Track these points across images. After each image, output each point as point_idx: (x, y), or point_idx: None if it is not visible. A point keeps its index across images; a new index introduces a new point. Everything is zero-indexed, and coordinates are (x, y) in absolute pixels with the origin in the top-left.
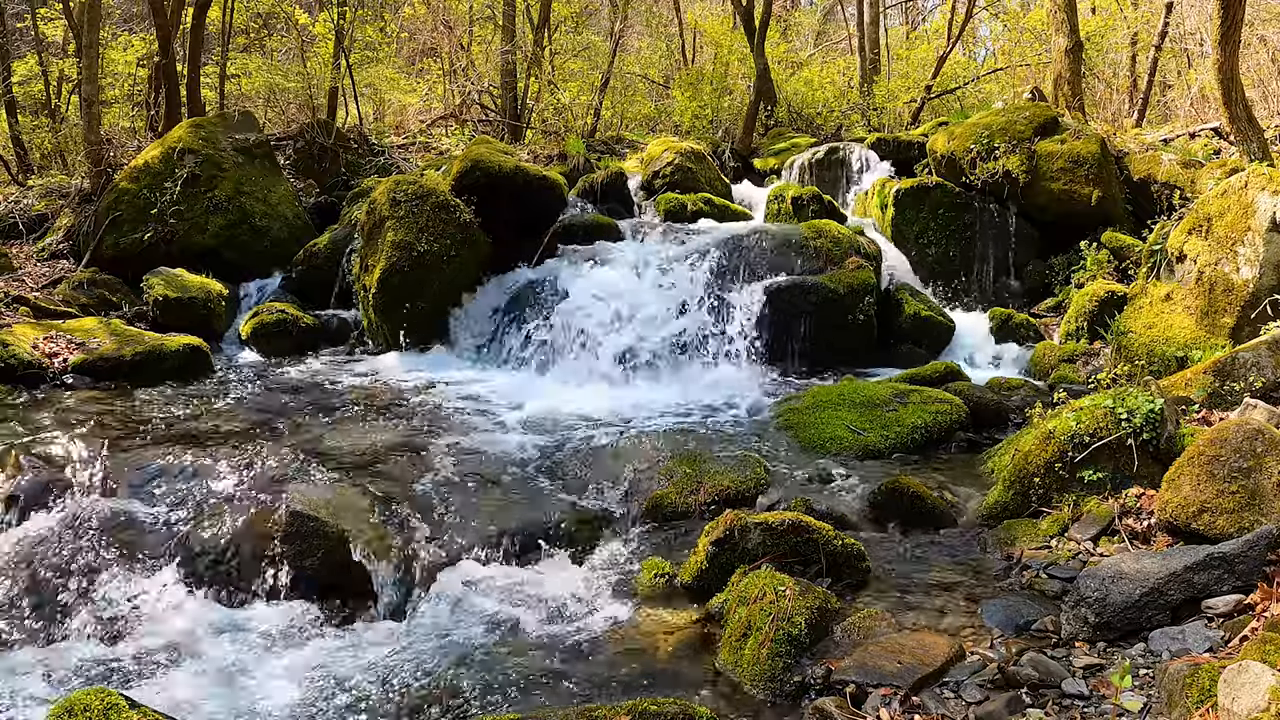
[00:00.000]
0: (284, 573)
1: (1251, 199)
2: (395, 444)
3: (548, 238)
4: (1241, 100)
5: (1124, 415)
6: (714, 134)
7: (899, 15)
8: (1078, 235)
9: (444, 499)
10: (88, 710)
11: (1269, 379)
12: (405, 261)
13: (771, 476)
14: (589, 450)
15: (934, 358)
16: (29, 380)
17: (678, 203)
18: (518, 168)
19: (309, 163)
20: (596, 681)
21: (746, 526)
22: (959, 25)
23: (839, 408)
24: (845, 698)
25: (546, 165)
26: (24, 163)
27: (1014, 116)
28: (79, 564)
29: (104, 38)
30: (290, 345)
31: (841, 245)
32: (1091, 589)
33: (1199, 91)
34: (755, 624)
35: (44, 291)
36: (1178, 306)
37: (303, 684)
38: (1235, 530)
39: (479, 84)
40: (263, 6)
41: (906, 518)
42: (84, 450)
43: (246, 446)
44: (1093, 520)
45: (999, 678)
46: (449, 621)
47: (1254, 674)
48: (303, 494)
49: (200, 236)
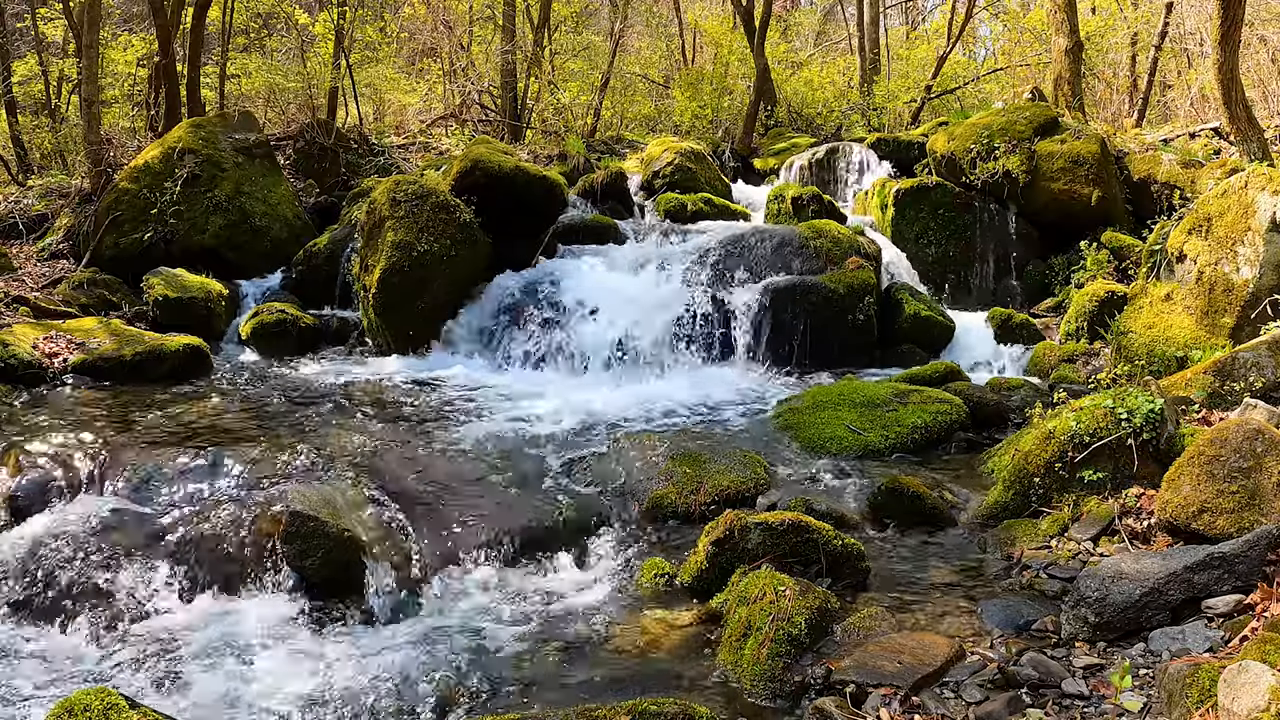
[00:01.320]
0: (284, 573)
1: (1251, 199)
2: (395, 444)
3: (548, 238)
4: (1241, 100)
5: (1124, 415)
6: (714, 134)
7: (899, 15)
8: (1078, 235)
9: (444, 499)
10: (88, 710)
11: (1269, 379)
12: (405, 261)
13: (771, 476)
14: (589, 450)
15: (934, 358)
16: (29, 380)
17: (678, 203)
18: (518, 168)
19: (309, 163)
20: (596, 681)
21: (746, 526)
22: (959, 25)
23: (839, 408)
24: (845, 698)
25: (546, 165)
26: (24, 163)
27: (1014, 116)
28: (79, 564)
29: (104, 38)
30: (290, 345)
31: (841, 245)
32: (1091, 589)
33: (1199, 91)
34: (755, 624)
35: (44, 291)
36: (1178, 306)
37: (302, 684)
38: (1235, 530)
39: (479, 84)
40: (263, 6)
41: (906, 518)
42: (84, 450)
43: (246, 446)
44: (1093, 520)
45: (999, 678)
46: (449, 621)
47: (1254, 674)
48: (303, 494)
49: (200, 236)
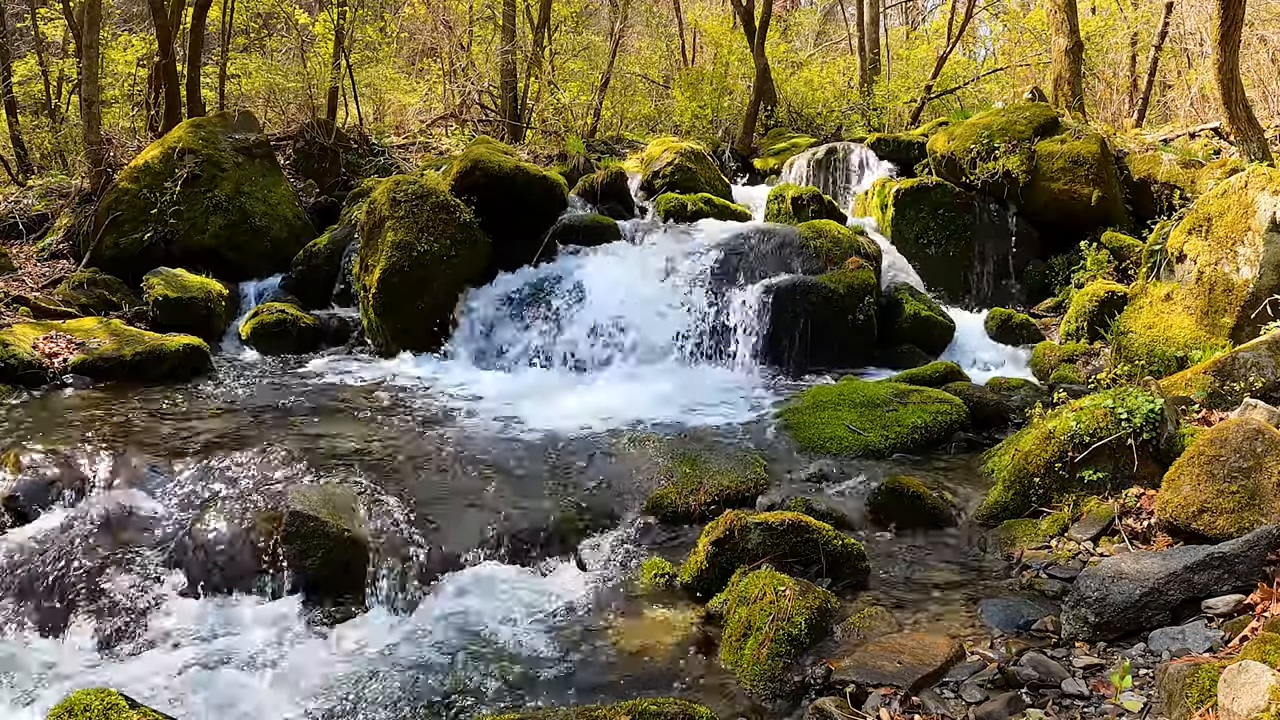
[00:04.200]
0: (284, 572)
1: (1251, 199)
2: (395, 443)
3: (548, 238)
4: (1241, 100)
5: (1124, 415)
6: (714, 134)
7: (899, 15)
8: (1078, 235)
9: (444, 499)
10: (88, 710)
11: (1269, 379)
12: (405, 261)
13: (771, 476)
14: (589, 450)
15: (934, 358)
16: (29, 380)
17: (678, 203)
18: (518, 168)
19: (309, 163)
20: (596, 681)
21: (746, 526)
22: (959, 25)
23: (839, 408)
24: (845, 698)
25: (546, 165)
26: (24, 163)
27: (1014, 116)
28: (79, 564)
29: (104, 38)
30: (290, 345)
31: (841, 245)
32: (1091, 589)
33: (1199, 91)
34: (755, 624)
35: (44, 291)
36: (1178, 306)
37: (302, 684)
38: (1235, 530)
39: (479, 84)
40: (263, 6)
41: (906, 518)
42: (84, 450)
43: (246, 446)
44: (1093, 520)
45: (999, 678)
46: (448, 621)
47: (1254, 674)
48: (303, 494)
49: (200, 236)
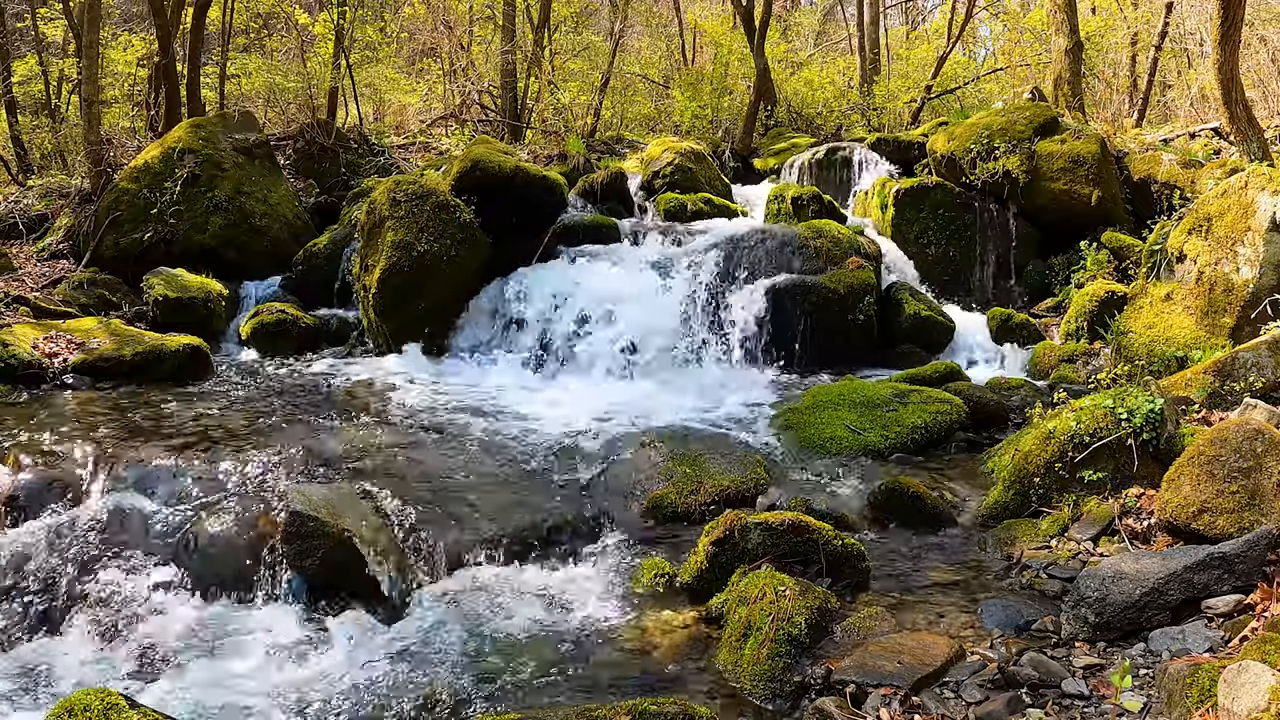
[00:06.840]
0: (284, 573)
1: (1251, 199)
2: (395, 444)
3: (548, 238)
4: (1241, 100)
5: (1124, 415)
6: (714, 134)
7: (899, 15)
8: (1078, 235)
9: (443, 499)
10: (88, 710)
11: (1269, 379)
12: (405, 261)
13: (771, 476)
14: (588, 450)
15: (934, 358)
16: (29, 380)
17: (678, 203)
18: (518, 168)
19: (309, 163)
20: (596, 681)
21: (746, 526)
22: (959, 25)
23: (839, 408)
24: (845, 698)
25: (546, 165)
26: (24, 163)
27: (1014, 116)
28: (79, 564)
29: (104, 38)
30: (290, 345)
31: (841, 245)
32: (1091, 589)
33: (1199, 91)
34: (755, 624)
35: (44, 291)
36: (1178, 306)
37: (302, 684)
38: (1235, 530)
39: (479, 84)
40: (263, 6)
41: (906, 518)
42: (84, 450)
43: (246, 446)
44: (1093, 520)
45: (999, 678)
46: (449, 621)
47: (1254, 674)
48: (303, 494)
49: (200, 236)
